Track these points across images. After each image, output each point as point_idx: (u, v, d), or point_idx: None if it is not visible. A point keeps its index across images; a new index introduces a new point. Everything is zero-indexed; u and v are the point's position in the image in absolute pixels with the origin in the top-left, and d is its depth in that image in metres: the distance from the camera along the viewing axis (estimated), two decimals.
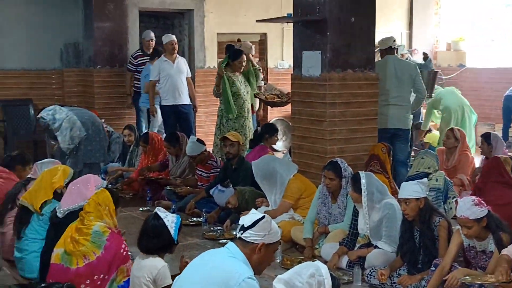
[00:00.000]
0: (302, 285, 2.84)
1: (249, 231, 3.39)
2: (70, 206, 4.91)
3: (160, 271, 4.02)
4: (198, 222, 6.92)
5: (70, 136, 8.05)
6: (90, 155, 8.18)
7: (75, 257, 4.42)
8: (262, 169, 6.40)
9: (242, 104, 8.86)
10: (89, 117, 8.42)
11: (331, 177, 5.72)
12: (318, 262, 3.00)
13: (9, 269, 5.52)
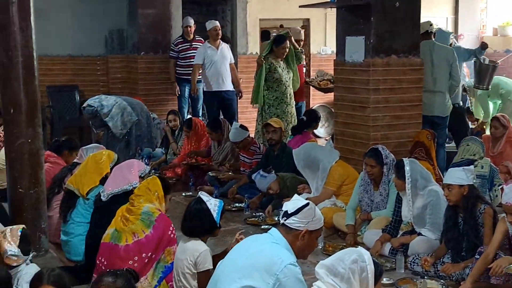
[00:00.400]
0: (344, 271, 2.83)
1: (292, 217, 3.40)
2: (113, 189, 4.99)
3: (201, 254, 4.05)
4: (240, 207, 6.95)
5: (121, 121, 8.15)
6: (139, 140, 8.28)
7: (124, 234, 4.53)
8: (304, 157, 6.39)
9: (284, 90, 8.83)
10: (137, 103, 8.52)
11: (372, 164, 5.68)
12: (360, 248, 2.98)
13: (55, 252, 5.64)
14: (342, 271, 2.83)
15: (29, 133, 5.39)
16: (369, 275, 2.86)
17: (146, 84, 10.82)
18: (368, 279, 2.85)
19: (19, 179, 5.42)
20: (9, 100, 5.39)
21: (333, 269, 2.86)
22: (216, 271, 3.63)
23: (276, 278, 3.27)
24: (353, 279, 2.83)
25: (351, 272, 2.83)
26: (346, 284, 2.82)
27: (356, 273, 2.84)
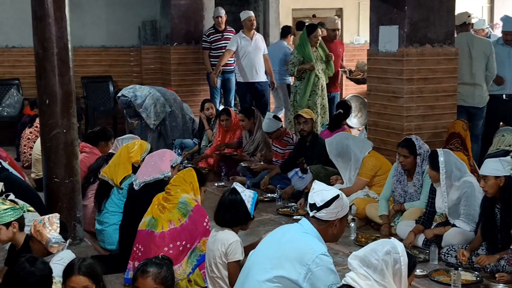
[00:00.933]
0: (377, 262, 2.81)
1: (323, 210, 3.40)
2: (145, 178, 5.05)
3: (231, 245, 4.06)
4: (273, 198, 6.96)
5: (154, 112, 8.20)
6: (174, 131, 8.32)
7: (160, 221, 4.60)
8: (336, 146, 6.37)
9: (316, 82, 8.79)
10: (171, 94, 8.55)
11: (405, 154, 5.63)
12: (394, 239, 2.96)
13: (90, 241, 5.71)
14: (375, 262, 2.81)
15: (64, 123, 5.46)
16: (402, 267, 2.83)
17: (179, 75, 10.87)
18: (401, 271, 2.83)
19: (54, 169, 5.51)
20: (45, 91, 5.47)
21: (366, 260, 2.83)
22: (248, 261, 3.64)
23: (307, 268, 3.27)
24: (386, 271, 2.80)
25: (384, 263, 2.81)
26: (379, 275, 2.80)
27: (389, 265, 2.81)
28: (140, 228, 4.70)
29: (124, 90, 8.40)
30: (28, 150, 8.32)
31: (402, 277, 2.83)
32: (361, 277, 2.81)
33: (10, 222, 4.04)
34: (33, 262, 3.35)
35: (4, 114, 10.20)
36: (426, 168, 5.52)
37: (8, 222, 4.04)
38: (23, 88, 10.60)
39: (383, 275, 2.79)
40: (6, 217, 4.04)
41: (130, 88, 8.36)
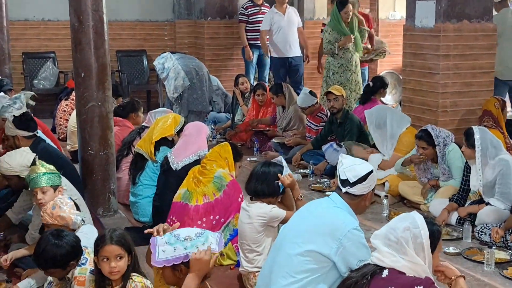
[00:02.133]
0: (397, 240, 2.77)
1: (357, 186, 3.39)
2: (184, 160, 5.08)
3: (270, 213, 4.07)
4: (305, 174, 6.96)
5: (174, 86, 8.21)
6: (196, 103, 8.32)
7: (195, 195, 4.66)
8: (376, 118, 6.31)
9: (349, 58, 8.70)
10: (195, 66, 8.49)
11: (423, 146, 5.56)
12: (414, 213, 2.87)
13: (124, 213, 5.79)
14: (394, 240, 2.76)
15: (99, 96, 5.51)
16: (424, 241, 2.77)
17: (212, 49, 10.87)
18: (423, 245, 2.77)
19: (89, 141, 5.57)
20: (80, 64, 5.52)
21: (386, 239, 2.80)
22: (279, 235, 3.66)
23: (339, 242, 3.27)
24: (407, 248, 2.74)
25: (403, 240, 2.75)
26: (401, 252, 2.75)
27: (410, 241, 2.75)
28: (174, 200, 4.76)
29: (157, 60, 8.38)
30: (64, 123, 8.43)
31: (425, 251, 2.77)
32: (385, 255, 2.79)
33: (57, 186, 4.09)
34: (58, 236, 3.41)
35: (40, 87, 10.33)
36: (447, 151, 5.51)
37: (56, 185, 4.09)
38: (59, 61, 10.72)
39: (405, 252, 2.75)
40: (55, 180, 4.09)
41: (162, 58, 8.33)
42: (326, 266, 3.31)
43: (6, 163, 4.55)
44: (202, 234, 2.87)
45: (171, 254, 2.78)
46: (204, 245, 2.80)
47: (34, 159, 4.25)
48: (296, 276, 3.34)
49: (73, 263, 3.39)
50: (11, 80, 9.93)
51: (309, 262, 3.32)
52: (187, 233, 2.87)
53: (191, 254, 2.81)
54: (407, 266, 2.75)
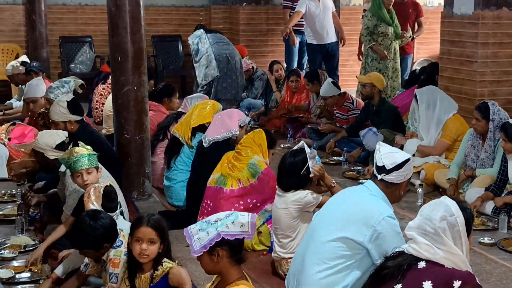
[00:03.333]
0: (434, 231, 2.71)
1: (393, 173, 3.37)
2: (214, 136, 5.10)
3: (305, 199, 4.06)
4: (339, 161, 6.93)
5: (204, 73, 8.20)
6: (225, 91, 8.31)
7: (230, 179, 4.70)
8: (427, 98, 6.10)
9: (389, 45, 8.61)
10: (228, 54, 8.45)
11: (478, 117, 5.48)
12: (445, 199, 2.81)
13: (158, 196, 5.84)
14: (432, 231, 2.70)
15: (135, 80, 5.55)
16: (461, 228, 2.72)
17: (247, 35, 10.86)
18: (460, 232, 2.72)
19: (125, 125, 5.63)
20: (117, 48, 5.56)
21: (422, 230, 2.73)
22: (312, 222, 3.65)
23: (373, 230, 3.26)
24: (445, 238, 2.69)
25: (441, 231, 2.70)
26: (438, 243, 2.70)
27: (447, 230, 2.70)
28: (209, 185, 4.79)
29: (191, 37, 8.24)
30: (100, 106, 8.51)
31: (462, 237, 2.73)
32: (423, 247, 2.74)
33: (98, 166, 4.14)
34: (94, 217, 3.45)
35: (77, 71, 10.44)
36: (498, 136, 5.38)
37: (97, 166, 4.14)
38: (95, 46, 10.82)
39: (443, 242, 2.70)
40: (97, 161, 4.14)
41: (197, 37, 8.24)
42: (360, 253, 3.31)
43: (37, 139, 4.76)
44: (232, 214, 2.89)
45: (206, 239, 2.80)
46: (235, 223, 2.81)
47: (78, 142, 4.29)
48: (329, 262, 3.34)
49: (107, 246, 3.43)
50: (48, 64, 10.07)
51: (343, 249, 3.32)
52: (217, 216, 2.90)
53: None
54: (445, 258, 2.70)
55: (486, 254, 4.57)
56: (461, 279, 2.65)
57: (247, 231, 2.85)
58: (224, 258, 2.84)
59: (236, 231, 2.82)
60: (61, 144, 4.67)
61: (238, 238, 2.83)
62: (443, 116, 6.06)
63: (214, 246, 2.81)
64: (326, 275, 3.36)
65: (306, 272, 3.44)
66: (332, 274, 3.35)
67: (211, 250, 2.82)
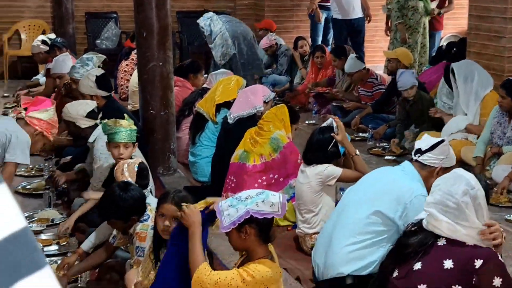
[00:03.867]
0: (457, 206, 2.69)
1: (428, 154, 3.38)
2: (240, 113, 5.10)
3: (325, 172, 4.07)
4: (364, 137, 6.90)
5: (221, 52, 8.17)
6: (244, 67, 8.29)
7: (252, 155, 4.72)
8: (465, 71, 5.97)
9: (419, 19, 8.50)
10: (242, 31, 8.42)
11: (503, 94, 5.40)
12: (462, 171, 2.79)
13: (183, 172, 5.87)
14: (454, 206, 2.67)
15: (160, 56, 5.56)
16: (482, 201, 2.71)
17: (272, 11, 10.79)
18: (481, 205, 2.71)
19: (150, 101, 5.65)
20: (142, 24, 5.57)
21: (443, 206, 2.69)
22: (344, 197, 3.67)
23: (404, 207, 3.28)
24: (467, 211, 2.67)
25: (464, 205, 2.67)
26: (460, 218, 2.69)
27: (470, 204, 2.68)
28: (232, 161, 4.81)
29: (202, 20, 8.20)
30: (125, 83, 8.54)
31: (484, 210, 2.72)
32: (443, 225, 2.72)
33: (135, 142, 4.18)
34: (125, 188, 3.49)
35: (103, 47, 10.48)
36: None
37: (134, 142, 4.18)
38: (121, 22, 10.84)
39: (465, 218, 2.68)
40: (135, 137, 4.18)
41: (207, 19, 8.20)
42: (391, 229, 3.33)
43: (66, 109, 4.83)
44: (263, 192, 2.89)
45: (235, 216, 2.80)
46: (265, 201, 2.81)
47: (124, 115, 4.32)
48: (359, 237, 3.37)
49: (134, 218, 3.47)
50: (74, 40, 10.11)
51: (374, 224, 3.34)
52: (248, 193, 2.90)
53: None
54: (466, 235, 2.69)
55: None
56: (482, 257, 2.63)
57: (277, 211, 2.84)
58: (252, 236, 2.84)
59: (266, 210, 2.82)
60: (91, 113, 4.72)
61: (267, 217, 2.83)
62: (480, 91, 5.93)
63: (243, 223, 2.81)
64: (355, 249, 3.39)
65: (335, 246, 3.46)
66: (361, 248, 3.37)
67: (239, 227, 2.83)
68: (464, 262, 2.64)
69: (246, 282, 2.75)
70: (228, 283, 2.76)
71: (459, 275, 2.64)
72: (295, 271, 3.96)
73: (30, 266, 0.73)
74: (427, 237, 2.76)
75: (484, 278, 2.61)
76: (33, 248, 0.75)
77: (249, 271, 2.77)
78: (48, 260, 3.92)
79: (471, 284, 2.63)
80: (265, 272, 2.78)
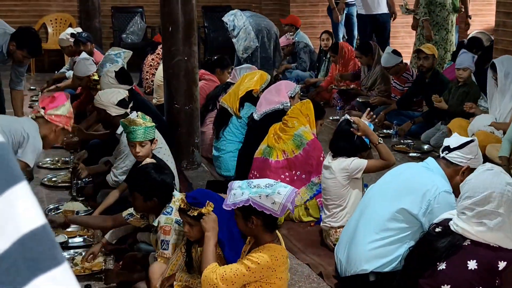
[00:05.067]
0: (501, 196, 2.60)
1: (456, 152, 3.35)
2: (265, 110, 5.11)
3: (352, 164, 4.05)
4: (388, 134, 6.87)
5: (244, 46, 8.18)
6: (263, 61, 8.27)
7: (275, 150, 4.73)
8: (507, 67, 5.81)
9: (446, 16, 8.44)
10: (265, 25, 8.41)
11: None
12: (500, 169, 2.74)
13: (207, 166, 5.90)
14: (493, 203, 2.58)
15: (185, 51, 5.58)
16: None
17: (297, 6, 10.77)
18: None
19: (175, 95, 5.68)
20: (168, 19, 5.59)
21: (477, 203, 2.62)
22: (368, 192, 3.66)
23: (428, 203, 3.25)
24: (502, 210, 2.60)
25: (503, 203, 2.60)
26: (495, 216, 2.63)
27: (509, 202, 2.62)
28: (256, 156, 4.83)
29: (226, 16, 8.25)
30: (150, 77, 8.59)
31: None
32: (472, 227, 2.66)
33: (153, 138, 4.21)
34: (159, 170, 3.55)
35: (128, 41, 10.55)
36: None
37: (152, 139, 4.21)
38: (147, 16, 10.90)
39: (499, 214, 2.62)
40: (152, 134, 4.20)
41: (231, 15, 8.25)
42: (414, 226, 3.31)
43: (98, 96, 4.89)
44: (272, 185, 2.87)
45: (239, 198, 2.83)
46: (268, 197, 2.82)
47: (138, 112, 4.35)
48: (382, 234, 3.36)
49: (155, 200, 3.47)
50: (101, 34, 10.20)
51: (397, 221, 3.33)
52: (259, 182, 2.92)
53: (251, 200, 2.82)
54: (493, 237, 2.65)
55: None
56: (506, 259, 2.60)
57: (276, 210, 2.83)
58: (258, 226, 2.88)
59: (265, 204, 2.82)
60: (122, 101, 4.76)
61: (265, 212, 2.83)
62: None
63: (249, 213, 2.84)
64: (378, 245, 3.38)
65: (358, 242, 3.46)
66: (384, 245, 3.37)
67: (246, 216, 2.86)
68: (488, 263, 2.62)
69: (252, 270, 2.79)
70: (234, 274, 2.80)
71: (482, 276, 2.62)
72: (318, 266, 3.96)
73: (49, 262, 0.75)
74: (456, 239, 2.72)
75: (506, 280, 2.59)
76: (52, 245, 0.77)
77: (253, 259, 2.81)
78: (72, 252, 4.01)
79: (494, 286, 2.61)
80: (270, 256, 2.82)
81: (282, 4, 11.12)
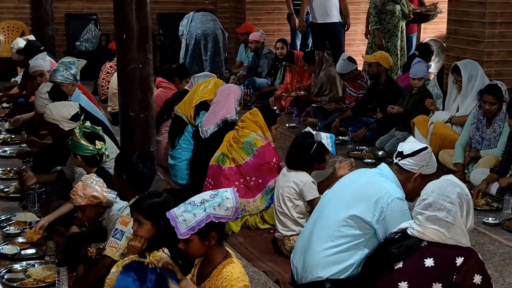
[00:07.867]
0: (453, 205, 2.72)
1: (408, 159, 3.36)
2: (211, 127, 5.12)
3: (305, 185, 4.08)
4: (344, 140, 6.92)
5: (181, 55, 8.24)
6: (217, 66, 8.30)
7: (228, 158, 4.75)
8: (470, 70, 5.93)
9: (396, 23, 8.55)
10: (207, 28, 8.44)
11: (492, 101, 5.40)
12: (455, 179, 2.81)
13: (163, 175, 5.85)
14: (449, 206, 2.68)
15: (140, 58, 5.51)
16: (471, 210, 2.75)
17: (253, 14, 10.79)
18: (470, 213, 2.74)
19: (130, 103, 5.59)
20: (122, 26, 5.51)
21: (437, 206, 2.72)
22: (322, 200, 3.67)
23: (381, 211, 3.28)
24: (459, 212, 2.70)
25: (458, 204, 2.70)
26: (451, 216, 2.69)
27: (464, 206, 2.71)
28: (211, 163, 4.83)
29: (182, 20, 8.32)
30: (106, 84, 8.48)
31: (470, 217, 2.75)
32: (428, 230, 2.72)
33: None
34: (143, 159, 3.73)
35: (82, 49, 10.42)
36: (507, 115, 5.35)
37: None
38: (101, 23, 10.78)
39: (456, 217, 2.69)
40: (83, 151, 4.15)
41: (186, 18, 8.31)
42: (368, 232, 3.33)
43: (49, 110, 4.74)
44: (217, 194, 2.86)
45: (193, 221, 2.77)
46: (220, 205, 2.80)
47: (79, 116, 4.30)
48: (337, 241, 3.37)
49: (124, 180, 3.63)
50: (54, 41, 10.03)
51: (351, 228, 3.34)
52: (201, 197, 2.87)
53: None
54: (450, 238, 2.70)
55: (490, 234, 4.58)
56: (463, 255, 2.67)
57: (230, 216, 2.84)
58: (215, 241, 2.85)
59: (221, 214, 2.82)
60: (75, 115, 4.68)
61: (222, 221, 2.84)
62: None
63: (207, 230, 2.80)
64: (333, 252, 3.39)
65: (313, 249, 3.46)
66: (339, 252, 3.38)
67: (204, 234, 2.81)
68: (445, 260, 2.67)
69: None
70: None
71: (440, 272, 2.67)
72: (274, 274, 3.95)
73: None
74: (412, 242, 2.76)
75: (465, 275, 2.64)
76: None
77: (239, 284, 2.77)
78: (25, 263, 3.92)
79: (451, 282, 2.66)
80: (239, 273, 2.82)
81: (238, 11, 11.13)
